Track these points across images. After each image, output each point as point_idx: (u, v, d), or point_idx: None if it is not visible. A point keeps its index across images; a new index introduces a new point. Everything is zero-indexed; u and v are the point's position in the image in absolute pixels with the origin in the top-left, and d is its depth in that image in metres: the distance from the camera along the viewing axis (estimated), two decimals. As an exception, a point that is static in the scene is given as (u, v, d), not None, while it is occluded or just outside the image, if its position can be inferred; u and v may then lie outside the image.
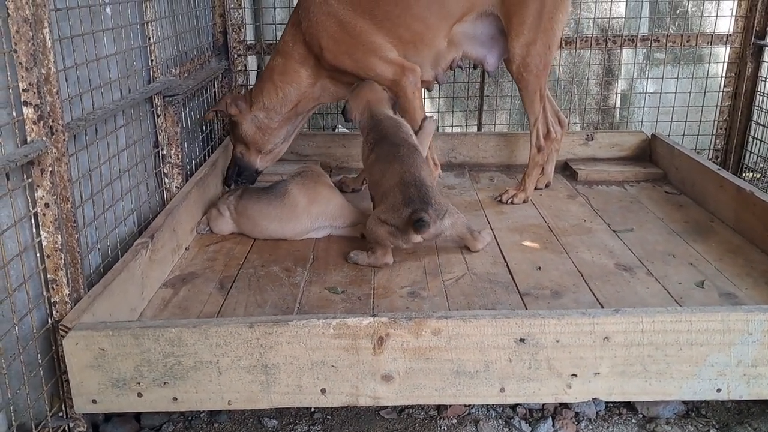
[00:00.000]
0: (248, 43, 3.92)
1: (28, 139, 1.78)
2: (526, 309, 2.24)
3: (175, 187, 2.89)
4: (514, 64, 3.08)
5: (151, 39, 2.66)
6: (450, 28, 3.04)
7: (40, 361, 1.84)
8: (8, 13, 1.69)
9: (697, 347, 1.83)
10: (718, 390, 1.86)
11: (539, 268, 2.56)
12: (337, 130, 4.42)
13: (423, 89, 3.15)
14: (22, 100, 1.75)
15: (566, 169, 3.75)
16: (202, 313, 2.27)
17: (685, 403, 2.10)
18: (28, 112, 1.76)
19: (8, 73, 1.73)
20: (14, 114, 1.75)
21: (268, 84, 3.10)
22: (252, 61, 4.05)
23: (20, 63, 1.72)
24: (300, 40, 3.03)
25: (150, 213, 2.72)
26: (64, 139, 1.86)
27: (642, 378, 1.85)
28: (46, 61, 1.77)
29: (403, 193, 2.51)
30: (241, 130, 3.17)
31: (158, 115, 2.76)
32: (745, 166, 3.92)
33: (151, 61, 2.69)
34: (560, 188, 3.50)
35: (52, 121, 1.82)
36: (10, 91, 1.74)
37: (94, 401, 1.84)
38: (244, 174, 3.24)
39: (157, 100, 2.73)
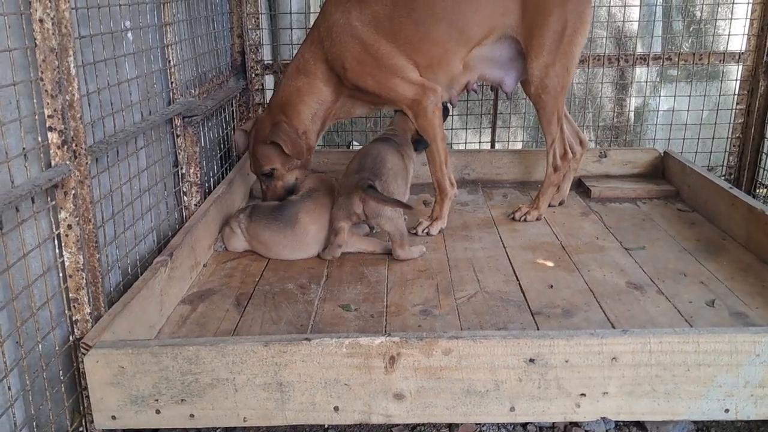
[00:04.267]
0: (265, 62, 3.98)
1: (53, 163, 1.83)
2: (538, 328, 2.26)
3: (194, 204, 2.93)
4: (532, 85, 3.09)
5: (171, 62, 2.72)
6: (468, 53, 3.07)
7: (62, 378, 1.88)
8: (36, 43, 1.75)
9: (705, 368, 1.84)
10: (726, 410, 1.87)
11: (551, 286, 2.57)
12: (351, 147, 4.45)
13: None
14: (47, 125, 1.80)
15: (580, 186, 3.76)
16: (219, 329, 2.30)
17: (694, 422, 2.10)
18: (53, 137, 1.81)
19: (34, 100, 1.78)
20: (39, 139, 1.81)
21: (301, 106, 3.10)
22: (269, 81, 4.09)
23: (46, 90, 1.77)
24: (321, 58, 3.05)
25: (169, 231, 2.76)
26: (86, 163, 1.91)
27: (650, 398, 1.86)
28: (71, 88, 1.83)
29: (360, 162, 2.80)
30: (298, 155, 3.13)
31: (178, 136, 2.81)
32: (758, 182, 3.91)
33: (171, 83, 2.74)
34: (573, 205, 3.51)
35: (76, 146, 1.87)
36: (36, 117, 1.80)
37: (113, 417, 1.88)
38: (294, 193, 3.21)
39: (176, 120, 2.78)
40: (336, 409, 1.87)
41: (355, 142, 4.57)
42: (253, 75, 3.94)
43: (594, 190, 3.63)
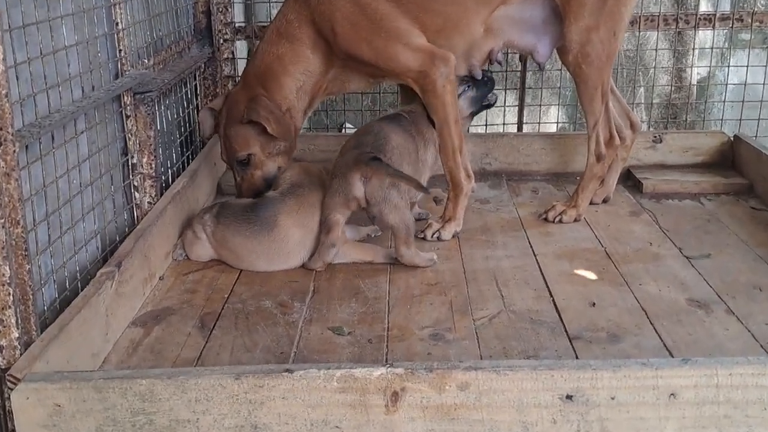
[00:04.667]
0: (236, 25, 3.97)
1: (-29, 152, 1.83)
2: (576, 357, 2.26)
3: (148, 202, 2.93)
4: (570, 53, 3.09)
5: (120, 24, 2.72)
6: (491, 12, 3.07)
7: (-17, 419, 1.88)
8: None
9: (786, 407, 1.83)
10: (813, 459, 1.86)
11: (593, 304, 2.58)
12: (344, 129, 4.46)
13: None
14: (-36, 104, 1.80)
15: (628, 179, 3.75)
16: (179, 358, 2.30)
17: (772, 473, 2.10)
18: (-29, 119, 1.81)
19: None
20: (-45, 121, 1.80)
21: (284, 78, 3.10)
22: (241, 48, 4.11)
23: (-38, 61, 1.77)
24: (307, 19, 3.06)
25: (117, 235, 2.76)
26: (14, 151, 1.91)
27: (718, 444, 1.86)
28: (-7, 58, 1.83)
29: (358, 140, 2.84)
30: (284, 135, 3.14)
31: (128, 117, 2.81)
32: None
33: (119, 51, 2.74)
34: (621, 203, 3.50)
35: (0, 130, 1.87)
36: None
37: (47, 468, 1.87)
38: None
39: (126, 98, 2.78)
40: (325, 457, 1.87)
41: (348, 125, 4.59)
42: (221, 41, 3.93)
43: (647, 183, 3.63)
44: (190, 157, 3.63)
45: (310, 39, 3.08)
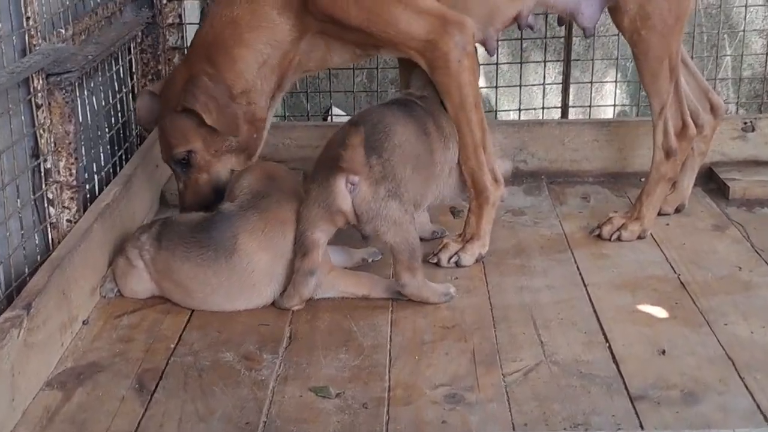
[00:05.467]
0: (184, -21, 4.01)
1: None
2: (641, 425, 2.25)
3: (67, 220, 2.92)
4: (626, 15, 3.11)
5: (27, -18, 2.71)
6: None
7: None
8: None
9: None
10: None
11: (663, 351, 2.58)
12: (331, 117, 4.45)
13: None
14: None
15: (710, 180, 3.75)
16: (110, 431, 2.28)
17: None
18: None
19: None
20: None
21: (239, 49, 3.11)
22: (192, 9, 4.12)
23: None
24: None
25: (25, 266, 2.75)
26: None
27: None
28: None
29: (346, 129, 2.77)
30: (228, 128, 3.13)
31: (38, 106, 2.80)
32: None
33: (27, 18, 2.72)
34: (700, 212, 3.50)
35: None
36: None
37: None
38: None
39: (36, 81, 2.77)
40: None
41: (336, 110, 4.57)
42: (165, 1, 3.94)
43: (735, 186, 3.64)
44: (124, 158, 3.61)
45: None
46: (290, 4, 3.09)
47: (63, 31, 3.00)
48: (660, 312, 2.80)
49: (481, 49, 3.27)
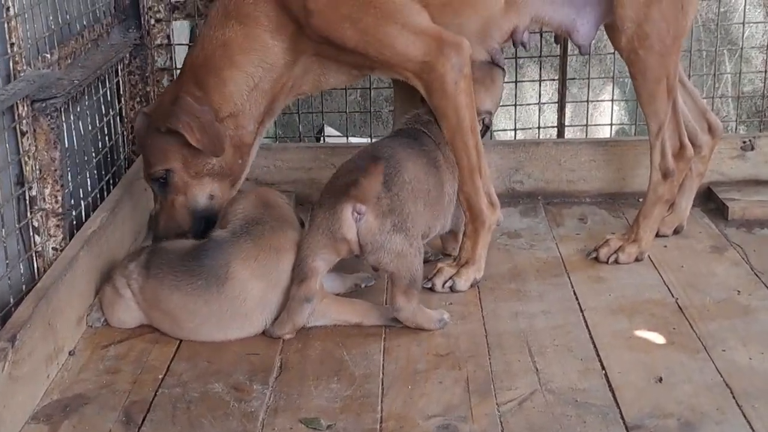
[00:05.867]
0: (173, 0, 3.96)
1: None
2: (638, 455, 2.23)
3: (53, 248, 2.90)
4: (623, 34, 3.12)
5: (11, 9, 2.68)
6: None
7: None
8: None
9: None
10: None
11: (660, 379, 2.57)
12: (323, 137, 4.43)
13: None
14: None
15: (709, 200, 3.75)
16: (97, 466, 2.26)
17: None
18: None
19: None
20: None
21: (229, 72, 3.10)
22: (181, 30, 4.10)
23: None
24: None
25: (10, 296, 2.72)
26: None
27: None
28: None
29: (366, 162, 2.85)
30: (212, 149, 3.11)
31: (23, 133, 2.77)
32: None
33: (11, 44, 2.70)
34: (698, 234, 3.50)
35: None
36: None
37: None
38: (211, 225, 3.19)
39: (21, 108, 2.75)
40: None
41: (329, 129, 4.55)
42: (153, 21, 3.92)
43: (734, 207, 3.63)
44: (111, 183, 3.59)
45: (270, 18, 3.08)
46: (284, 26, 3.08)
47: (48, 55, 2.99)
48: (657, 338, 2.79)
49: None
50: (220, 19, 3.12)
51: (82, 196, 3.31)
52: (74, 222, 3.12)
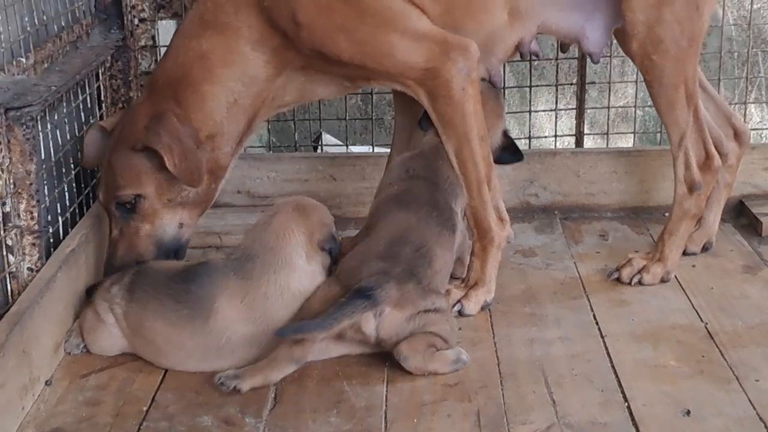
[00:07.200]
0: (159, -1, 3.96)
1: None
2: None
3: (28, 269, 2.86)
4: (635, 39, 3.11)
5: (-19, 7, 2.69)
6: None
7: None
8: None
9: None
10: None
11: (688, 412, 2.52)
12: (321, 146, 4.35)
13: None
14: None
15: (741, 215, 3.77)
16: None
17: None
18: None
19: None
20: None
21: (209, 86, 3.06)
22: (167, 30, 4.05)
23: None
24: (251, 2, 3.02)
25: (-18, 320, 2.69)
26: None
27: None
28: None
29: (388, 245, 2.85)
30: (189, 178, 3.07)
31: (-4, 144, 2.74)
32: None
33: (-18, 47, 2.71)
34: (729, 252, 3.50)
35: None
36: None
37: None
38: (178, 255, 3.20)
39: (-7, 117, 2.72)
40: None
41: (327, 137, 4.50)
42: (137, 21, 3.89)
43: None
44: (90, 198, 3.54)
45: (251, 29, 3.04)
46: (267, 38, 3.05)
47: (23, 59, 2.97)
48: (684, 367, 2.74)
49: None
50: (195, 28, 3.10)
51: (59, 211, 3.26)
52: (51, 240, 3.09)
